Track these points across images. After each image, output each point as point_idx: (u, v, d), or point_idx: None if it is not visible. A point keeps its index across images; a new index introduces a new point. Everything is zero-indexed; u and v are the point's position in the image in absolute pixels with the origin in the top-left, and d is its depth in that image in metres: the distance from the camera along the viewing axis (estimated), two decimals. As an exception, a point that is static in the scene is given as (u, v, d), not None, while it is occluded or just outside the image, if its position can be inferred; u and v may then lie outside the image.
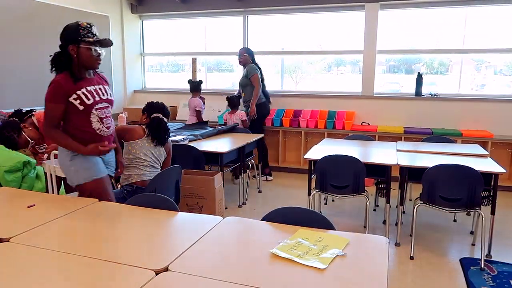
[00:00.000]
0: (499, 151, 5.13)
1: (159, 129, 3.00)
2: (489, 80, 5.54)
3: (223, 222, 1.90)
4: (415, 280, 2.83)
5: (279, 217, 1.92)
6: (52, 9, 5.28)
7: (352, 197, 3.37)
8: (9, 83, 4.80)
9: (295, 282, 1.36)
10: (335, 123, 5.56)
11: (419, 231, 3.70)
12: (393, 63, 6.07)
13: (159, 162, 3.08)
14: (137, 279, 1.38)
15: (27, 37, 4.97)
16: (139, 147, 2.92)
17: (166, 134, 3.06)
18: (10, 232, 1.76)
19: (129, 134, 2.95)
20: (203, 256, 1.55)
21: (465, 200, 3.00)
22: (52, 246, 1.63)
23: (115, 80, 6.57)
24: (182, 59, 7.25)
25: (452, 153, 3.65)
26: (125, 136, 2.95)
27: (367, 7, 5.52)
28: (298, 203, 4.48)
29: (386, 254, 1.56)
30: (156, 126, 3.00)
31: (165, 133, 3.05)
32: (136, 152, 2.93)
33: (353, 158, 3.24)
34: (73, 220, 1.93)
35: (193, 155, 3.75)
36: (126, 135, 2.95)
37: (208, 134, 4.56)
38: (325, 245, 1.64)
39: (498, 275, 2.88)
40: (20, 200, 2.21)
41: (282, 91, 6.33)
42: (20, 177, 3.88)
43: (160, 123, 3.02)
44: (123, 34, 6.68)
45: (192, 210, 3.58)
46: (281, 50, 6.36)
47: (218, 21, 6.62)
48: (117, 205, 2.15)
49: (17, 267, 1.46)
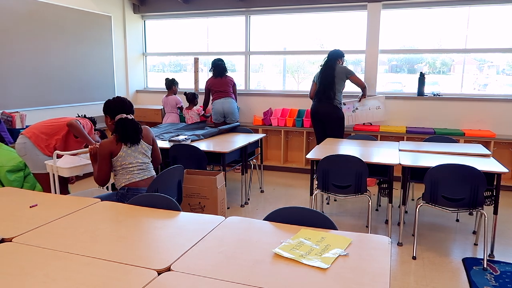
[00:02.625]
0: (501, 151, 5.11)
1: (126, 131, 2.79)
2: (492, 80, 5.52)
3: (225, 222, 1.90)
4: (417, 280, 2.82)
5: (281, 217, 1.92)
6: (54, 9, 5.30)
7: (354, 197, 3.37)
8: (12, 83, 4.81)
9: (298, 282, 1.36)
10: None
11: (422, 231, 3.69)
12: (395, 62, 6.05)
13: (147, 156, 2.93)
14: (139, 279, 1.38)
15: (29, 37, 4.98)
16: (123, 158, 2.78)
17: (136, 131, 2.84)
18: (12, 232, 1.76)
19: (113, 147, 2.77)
20: (205, 256, 1.55)
21: (468, 200, 2.99)
22: (54, 246, 1.64)
23: (117, 80, 6.58)
24: (184, 59, 7.25)
25: (454, 153, 3.64)
26: (112, 150, 2.77)
27: (369, 7, 5.52)
28: (300, 203, 4.48)
29: (388, 254, 1.56)
30: (122, 129, 2.78)
31: (135, 131, 2.83)
32: (123, 158, 2.79)
33: (355, 158, 3.24)
34: (75, 220, 1.93)
35: (196, 155, 3.75)
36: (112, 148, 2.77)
37: (210, 134, 4.57)
38: (327, 245, 1.64)
39: (501, 275, 2.87)
40: (22, 200, 2.22)
41: (284, 91, 6.33)
42: (22, 177, 3.90)
43: (125, 124, 2.79)
44: (125, 34, 6.69)
45: (194, 210, 3.58)
46: (283, 50, 6.35)
47: (220, 21, 6.62)
48: (119, 205, 2.15)
49: (20, 266, 1.46)
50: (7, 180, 3.76)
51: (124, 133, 2.77)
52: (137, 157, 2.84)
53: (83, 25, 5.78)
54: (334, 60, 5.03)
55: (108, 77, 6.37)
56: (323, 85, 5.02)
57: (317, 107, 5.07)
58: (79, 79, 5.80)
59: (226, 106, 5.44)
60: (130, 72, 6.87)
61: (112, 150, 2.76)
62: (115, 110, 2.84)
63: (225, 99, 5.46)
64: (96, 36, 6.03)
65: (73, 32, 5.62)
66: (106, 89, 6.34)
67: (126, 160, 2.79)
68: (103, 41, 6.19)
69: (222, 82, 5.50)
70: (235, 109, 5.51)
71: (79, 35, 5.72)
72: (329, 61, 5.04)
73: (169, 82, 5.95)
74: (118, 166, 2.80)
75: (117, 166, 2.81)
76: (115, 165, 2.81)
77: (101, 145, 2.77)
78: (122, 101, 2.88)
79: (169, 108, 5.89)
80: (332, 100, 4.99)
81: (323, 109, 5.02)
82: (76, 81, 5.78)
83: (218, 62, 5.53)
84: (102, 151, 2.75)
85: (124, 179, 2.81)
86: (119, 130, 2.77)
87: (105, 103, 2.89)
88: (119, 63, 6.63)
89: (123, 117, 2.81)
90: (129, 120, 2.82)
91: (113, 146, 2.77)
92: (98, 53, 6.12)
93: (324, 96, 5.00)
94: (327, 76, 4.98)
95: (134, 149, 2.83)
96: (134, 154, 2.83)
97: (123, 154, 2.78)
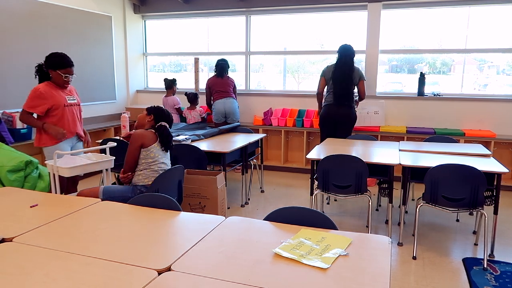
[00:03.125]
0: (501, 151, 5.11)
1: (168, 137, 3.03)
2: (492, 80, 5.52)
3: (225, 222, 1.90)
4: (417, 280, 2.82)
5: (281, 217, 1.92)
6: (55, 9, 5.30)
7: (355, 197, 3.37)
8: (13, 83, 4.81)
9: (298, 282, 1.36)
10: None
11: (422, 231, 3.69)
12: (396, 62, 6.05)
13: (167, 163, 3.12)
14: (139, 279, 1.38)
15: (29, 37, 4.99)
16: (156, 151, 2.95)
17: (171, 141, 3.10)
18: (13, 232, 1.77)
19: (147, 139, 2.94)
20: (206, 256, 1.56)
21: (468, 200, 2.99)
22: (55, 245, 1.64)
23: (117, 80, 6.58)
24: (184, 59, 7.26)
25: (454, 153, 3.64)
26: (144, 142, 2.93)
27: (369, 7, 5.52)
28: (301, 203, 4.48)
29: (388, 254, 1.56)
30: (166, 135, 3.02)
31: (171, 140, 3.09)
32: (155, 156, 2.94)
33: (356, 158, 3.24)
34: (76, 219, 1.93)
35: (196, 155, 3.76)
36: (145, 140, 2.94)
37: (210, 134, 4.57)
38: (328, 245, 1.64)
39: (501, 275, 2.87)
40: (23, 200, 2.22)
41: (285, 91, 6.33)
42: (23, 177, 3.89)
43: (169, 133, 3.06)
44: (125, 34, 6.69)
45: (194, 210, 3.58)
46: (283, 50, 6.36)
47: (220, 21, 6.62)
48: (119, 205, 2.15)
49: (20, 266, 1.47)
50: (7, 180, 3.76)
51: (166, 138, 3.01)
52: (166, 161, 3.04)
53: (84, 25, 5.78)
54: (352, 57, 4.73)
55: (108, 77, 6.37)
56: (342, 86, 4.70)
57: (337, 111, 4.77)
58: (79, 79, 5.79)
59: (227, 106, 5.44)
60: (130, 72, 6.88)
61: (144, 141, 2.93)
62: (163, 117, 3.08)
63: (226, 99, 5.46)
64: (96, 36, 6.04)
65: (74, 32, 5.62)
66: (106, 89, 6.35)
67: (159, 154, 2.96)
68: (103, 41, 6.19)
69: (223, 82, 5.50)
70: (236, 109, 5.51)
71: (79, 35, 5.72)
72: (348, 58, 4.70)
73: (168, 82, 5.99)
74: (150, 159, 2.93)
75: (149, 158, 2.94)
76: (147, 156, 2.93)
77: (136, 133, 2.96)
78: (169, 115, 3.15)
79: (169, 108, 5.90)
80: (352, 103, 4.81)
81: (344, 112, 4.77)
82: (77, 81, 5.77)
83: (220, 62, 5.55)
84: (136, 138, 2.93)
85: (151, 177, 2.92)
86: (164, 135, 3.00)
87: (157, 108, 3.12)
88: (120, 63, 6.63)
89: (166, 125, 3.06)
90: (168, 130, 3.08)
91: (148, 137, 2.95)
92: (99, 53, 6.12)
93: (344, 99, 4.73)
94: (346, 76, 4.70)
95: (164, 154, 3.03)
96: (164, 158, 3.02)
97: (157, 147, 2.96)
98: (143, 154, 2.93)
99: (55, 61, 3.37)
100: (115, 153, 3.46)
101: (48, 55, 3.40)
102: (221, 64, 5.53)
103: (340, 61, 4.73)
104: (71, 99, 3.58)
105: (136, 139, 2.91)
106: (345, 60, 4.70)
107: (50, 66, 3.38)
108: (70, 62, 3.44)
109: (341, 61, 4.72)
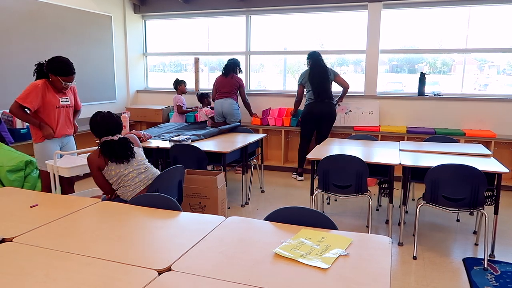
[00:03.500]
0: (502, 151, 5.11)
1: (114, 150, 2.66)
2: (492, 80, 5.52)
3: (225, 222, 1.90)
4: (418, 280, 2.82)
5: (281, 217, 1.92)
6: (55, 9, 5.30)
7: (355, 197, 3.37)
8: (13, 83, 4.81)
9: (298, 282, 1.36)
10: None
11: (422, 231, 3.69)
12: (396, 62, 6.05)
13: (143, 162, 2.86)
14: (139, 279, 1.38)
15: (30, 37, 4.99)
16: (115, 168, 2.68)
17: (125, 148, 2.71)
18: (13, 232, 1.76)
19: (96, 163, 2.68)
20: (206, 256, 1.55)
21: (468, 200, 2.99)
22: (55, 246, 1.64)
23: (117, 80, 6.58)
24: (184, 59, 7.25)
25: (455, 153, 3.63)
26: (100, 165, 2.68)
27: (369, 7, 5.51)
28: (301, 203, 4.47)
29: (389, 254, 1.56)
30: (110, 149, 2.66)
31: (123, 149, 2.70)
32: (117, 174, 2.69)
33: (356, 158, 3.24)
34: (76, 220, 1.93)
35: (196, 155, 3.75)
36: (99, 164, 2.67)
37: (210, 134, 4.57)
38: (328, 245, 1.64)
39: (501, 275, 2.87)
40: (23, 200, 2.22)
41: (285, 91, 6.33)
42: (23, 177, 3.90)
43: (112, 148, 2.66)
44: (125, 34, 6.69)
45: (194, 210, 3.58)
46: (283, 50, 6.35)
47: (220, 21, 6.62)
48: (119, 205, 2.15)
49: (20, 266, 1.46)
50: (7, 180, 3.76)
51: (113, 153, 2.66)
52: (138, 167, 2.77)
53: (84, 25, 5.78)
54: (322, 60, 5.23)
55: (108, 77, 6.37)
56: (321, 85, 5.15)
57: (319, 107, 5.17)
58: (80, 79, 5.79)
59: (224, 106, 5.46)
60: (130, 72, 6.88)
61: (99, 165, 2.67)
62: (99, 130, 2.75)
63: (224, 99, 5.47)
64: (96, 36, 6.03)
65: (74, 32, 5.62)
66: (106, 89, 6.35)
67: (121, 174, 2.69)
68: (103, 41, 6.19)
69: (226, 82, 5.52)
70: (233, 110, 5.51)
71: (79, 35, 5.72)
72: (320, 61, 5.20)
73: (174, 83, 6.16)
74: (116, 177, 2.68)
75: (114, 177, 2.68)
76: (111, 176, 2.68)
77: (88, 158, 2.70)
78: (107, 121, 2.75)
79: (174, 107, 6.04)
80: (333, 99, 5.23)
81: (326, 109, 5.17)
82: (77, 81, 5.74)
83: (229, 61, 5.63)
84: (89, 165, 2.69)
85: (129, 192, 2.71)
86: (106, 152, 2.65)
87: (91, 120, 2.77)
88: (120, 63, 6.63)
89: (108, 140, 2.70)
90: (114, 141, 2.69)
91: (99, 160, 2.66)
92: (99, 53, 6.12)
93: (326, 96, 5.15)
94: (323, 76, 5.18)
95: (129, 164, 2.73)
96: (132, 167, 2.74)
97: (112, 167, 2.67)
98: (106, 176, 2.70)
99: (58, 67, 3.32)
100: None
101: (52, 59, 3.34)
102: (228, 63, 5.60)
103: (314, 64, 5.22)
104: (64, 100, 3.54)
105: (90, 165, 2.70)
106: (318, 63, 5.20)
107: (52, 70, 3.33)
108: (72, 70, 3.39)
109: (314, 64, 5.23)
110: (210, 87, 6.79)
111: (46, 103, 3.40)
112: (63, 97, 3.53)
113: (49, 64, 3.34)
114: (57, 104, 3.47)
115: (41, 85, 3.37)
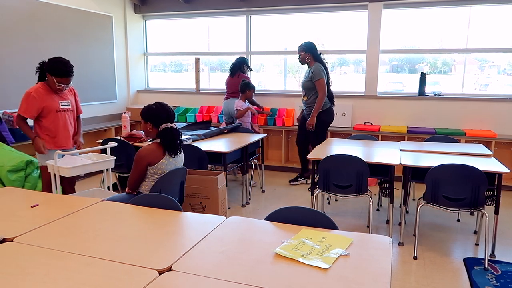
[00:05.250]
0: (502, 151, 5.11)
1: (174, 142, 2.73)
2: (493, 80, 5.52)
3: (226, 222, 1.90)
4: (418, 280, 2.82)
5: (282, 217, 1.92)
6: (55, 9, 5.30)
7: (355, 197, 3.37)
8: (13, 83, 4.82)
9: (299, 282, 1.36)
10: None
11: (423, 231, 3.69)
12: (396, 62, 6.05)
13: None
14: (140, 279, 1.38)
15: (30, 37, 4.99)
16: (165, 166, 2.74)
17: (180, 140, 2.80)
18: (13, 232, 1.77)
19: (153, 157, 2.69)
20: (206, 256, 1.56)
21: (469, 200, 2.99)
22: (55, 245, 1.64)
23: (118, 80, 6.58)
24: (185, 59, 7.25)
25: (455, 152, 3.63)
26: (150, 161, 2.68)
27: (370, 7, 5.51)
28: (301, 203, 4.47)
29: (389, 254, 1.56)
30: (170, 140, 2.71)
31: (180, 141, 2.79)
32: (164, 169, 2.75)
33: (356, 158, 3.24)
34: (76, 219, 1.93)
35: (197, 155, 3.75)
36: (150, 159, 2.68)
37: (211, 134, 4.57)
38: (329, 245, 1.64)
39: (502, 275, 2.87)
40: (23, 200, 2.22)
41: (285, 91, 6.33)
42: (23, 177, 3.90)
43: (173, 135, 2.71)
44: (126, 34, 6.69)
45: (195, 210, 3.58)
46: (284, 50, 6.35)
47: (221, 21, 6.62)
48: (120, 205, 2.15)
49: (21, 266, 1.47)
50: (8, 180, 3.77)
51: (172, 144, 2.72)
52: (177, 164, 2.86)
53: (84, 25, 5.78)
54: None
55: (109, 77, 6.37)
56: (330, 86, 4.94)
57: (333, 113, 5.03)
58: (80, 79, 5.80)
59: (230, 107, 5.45)
60: (131, 72, 6.88)
61: (150, 160, 2.68)
62: (160, 118, 2.71)
63: (230, 100, 5.47)
64: (97, 36, 6.04)
65: (74, 32, 5.62)
66: (107, 89, 6.35)
67: (168, 168, 2.75)
68: (104, 41, 6.19)
69: (232, 82, 5.53)
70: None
71: (80, 35, 5.72)
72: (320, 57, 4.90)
73: (243, 85, 5.23)
74: (158, 173, 2.73)
75: (155, 174, 2.73)
76: (156, 173, 2.72)
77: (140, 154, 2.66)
78: (165, 109, 2.75)
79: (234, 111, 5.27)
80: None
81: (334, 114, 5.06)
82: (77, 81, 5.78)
83: (236, 59, 5.60)
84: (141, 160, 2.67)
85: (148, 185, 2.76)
86: (168, 143, 2.70)
87: (148, 110, 2.73)
88: (120, 63, 6.63)
89: (169, 127, 2.71)
90: (174, 130, 2.73)
91: (153, 154, 2.69)
92: (99, 53, 6.12)
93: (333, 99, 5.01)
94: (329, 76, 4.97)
95: (176, 158, 2.82)
96: (174, 164, 2.82)
97: (166, 162, 2.73)
98: (150, 171, 2.73)
99: (55, 67, 3.29)
100: (115, 153, 3.46)
101: (52, 58, 3.33)
102: (234, 62, 5.58)
103: (319, 60, 4.86)
104: (65, 103, 3.51)
105: (140, 160, 2.67)
106: (321, 59, 4.85)
107: (49, 70, 3.31)
108: (68, 72, 3.33)
109: (319, 60, 4.86)
110: (211, 87, 6.82)
111: (46, 108, 3.38)
112: (63, 100, 3.50)
113: (48, 63, 3.34)
114: (57, 108, 3.44)
115: (34, 91, 3.33)
